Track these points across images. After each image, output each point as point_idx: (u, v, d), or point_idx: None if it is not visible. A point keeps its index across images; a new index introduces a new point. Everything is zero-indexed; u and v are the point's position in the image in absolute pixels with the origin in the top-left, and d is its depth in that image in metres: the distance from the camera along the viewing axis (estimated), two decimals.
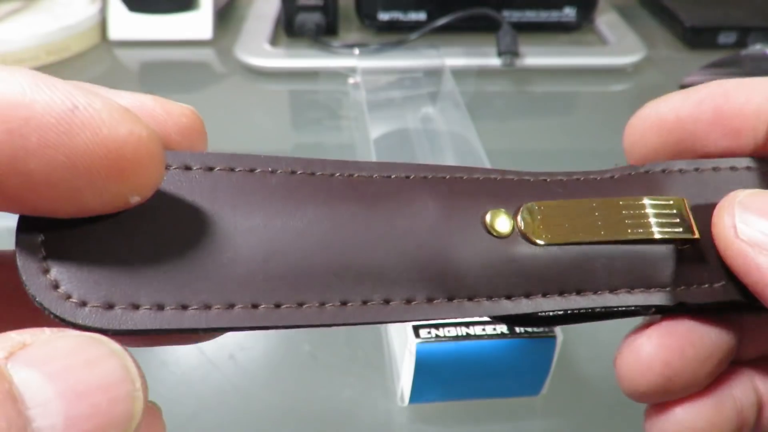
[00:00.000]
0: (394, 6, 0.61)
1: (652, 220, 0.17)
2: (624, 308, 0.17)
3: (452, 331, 0.27)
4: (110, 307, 0.13)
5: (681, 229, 0.17)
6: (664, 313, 0.18)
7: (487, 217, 0.16)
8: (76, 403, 0.10)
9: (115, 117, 0.12)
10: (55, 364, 0.11)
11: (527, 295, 0.16)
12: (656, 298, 0.17)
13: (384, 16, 0.62)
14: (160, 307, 0.13)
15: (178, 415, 0.30)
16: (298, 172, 0.16)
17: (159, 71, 0.61)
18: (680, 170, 0.19)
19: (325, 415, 0.30)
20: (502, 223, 0.16)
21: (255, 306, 0.14)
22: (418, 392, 0.29)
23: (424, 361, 0.27)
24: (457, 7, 0.60)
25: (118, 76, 0.59)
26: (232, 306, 0.14)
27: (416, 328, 0.27)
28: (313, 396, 0.31)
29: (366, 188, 0.16)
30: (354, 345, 0.33)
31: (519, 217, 0.17)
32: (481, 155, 0.41)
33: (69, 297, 0.13)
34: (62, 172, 0.11)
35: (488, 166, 0.39)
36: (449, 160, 0.41)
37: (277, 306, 0.14)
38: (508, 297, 0.16)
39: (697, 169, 0.19)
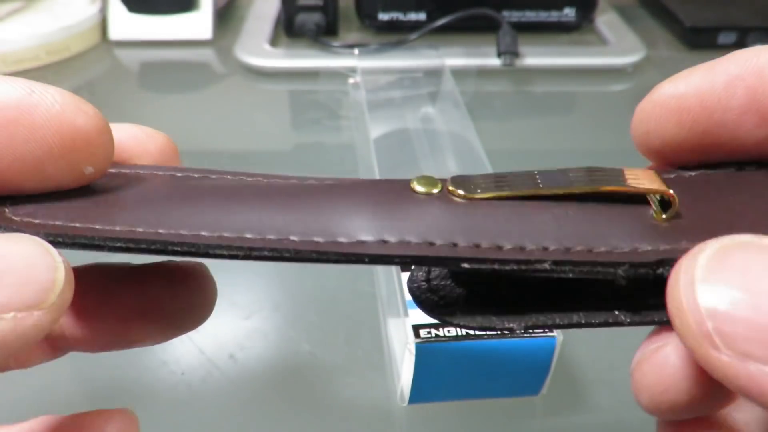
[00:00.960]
0: (394, 6, 0.61)
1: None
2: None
3: (452, 331, 0.27)
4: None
5: (653, 186, 0.15)
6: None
7: (415, 183, 0.16)
8: None
9: (66, 98, 0.14)
10: None
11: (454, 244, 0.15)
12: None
13: (384, 17, 0.62)
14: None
15: (177, 414, 0.30)
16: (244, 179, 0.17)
17: (159, 71, 0.61)
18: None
19: (326, 415, 0.30)
20: (430, 183, 0.16)
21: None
22: (418, 392, 0.29)
23: (424, 361, 0.27)
24: (457, 7, 0.60)
25: (118, 76, 0.59)
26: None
27: (416, 328, 0.27)
28: (313, 396, 0.31)
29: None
30: (354, 345, 0.33)
31: (449, 182, 0.16)
32: (481, 155, 0.41)
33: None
34: (24, 145, 0.14)
35: (488, 165, 0.39)
36: (449, 159, 0.41)
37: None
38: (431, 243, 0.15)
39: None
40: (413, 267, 0.16)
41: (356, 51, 0.57)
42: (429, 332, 0.27)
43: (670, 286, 0.12)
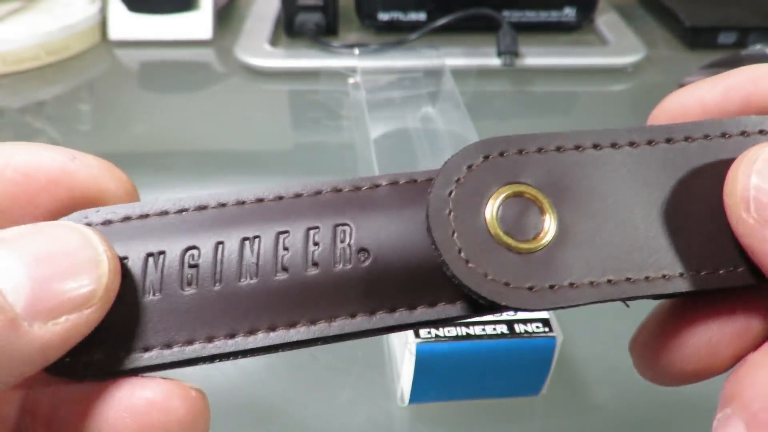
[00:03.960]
0: (394, 6, 0.61)
1: None
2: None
3: (452, 331, 0.27)
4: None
5: None
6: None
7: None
8: (38, 266, 0.13)
9: (102, 165, 0.16)
10: (20, 241, 0.13)
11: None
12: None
13: (384, 17, 0.62)
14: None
15: None
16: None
17: (159, 71, 0.61)
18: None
19: (325, 415, 0.30)
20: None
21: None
22: (418, 392, 0.29)
23: (424, 361, 0.27)
24: (457, 7, 0.60)
25: (118, 76, 0.59)
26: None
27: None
28: (313, 396, 0.31)
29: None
30: (354, 345, 0.33)
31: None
32: None
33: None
34: (64, 207, 0.15)
35: None
36: None
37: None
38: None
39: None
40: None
41: (356, 51, 0.57)
42: (429, 332, 0.27)
43: (734, 165, 0.15)
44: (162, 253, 0.15)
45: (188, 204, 0.16)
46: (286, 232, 0.16)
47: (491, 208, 0.16)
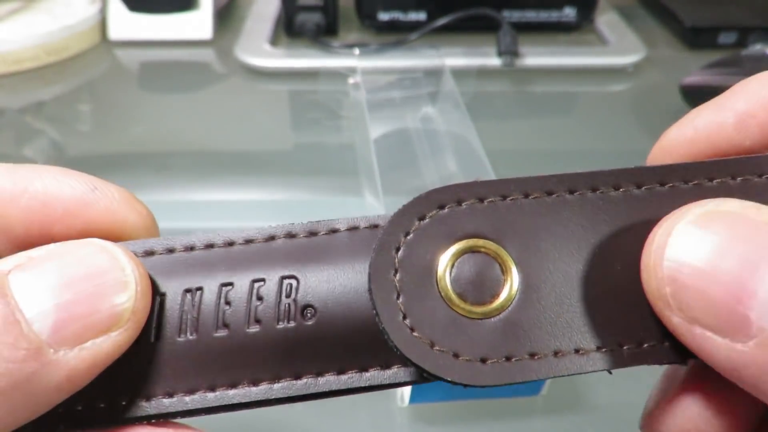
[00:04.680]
0: (394, 6, 0.61)
1: None
2: None
3: None
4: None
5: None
6: None
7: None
8: (63, 291, 0.12)
9: (124, 195, 0.15)
10: (45, 265, 0.13)
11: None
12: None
13: (384, 16, 0.62)
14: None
15: None
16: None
17: (159, 71, 0.61)
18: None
19: (326, 415, 0.30)
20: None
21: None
22: (418, 392, 0.29)
23: None
24: (457, 7, 0.60)
25: (118, 76, 0.59)
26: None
27: None
28: None
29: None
30: None
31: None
32: (480, 155, 0.41)
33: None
34: (80, 236, 0.14)
35: (488, 166, 0.39)
36: (449, 160, 0.41)
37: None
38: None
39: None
40: None
41: (356, 51, 0.57)
42: None
43: (647, 244, 0.13)
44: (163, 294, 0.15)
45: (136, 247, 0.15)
46: (230, 284, 0.14)
47: (443, 267, 0.14)
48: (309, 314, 0.14)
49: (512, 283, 0.14)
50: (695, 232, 0.12)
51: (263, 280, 0.15)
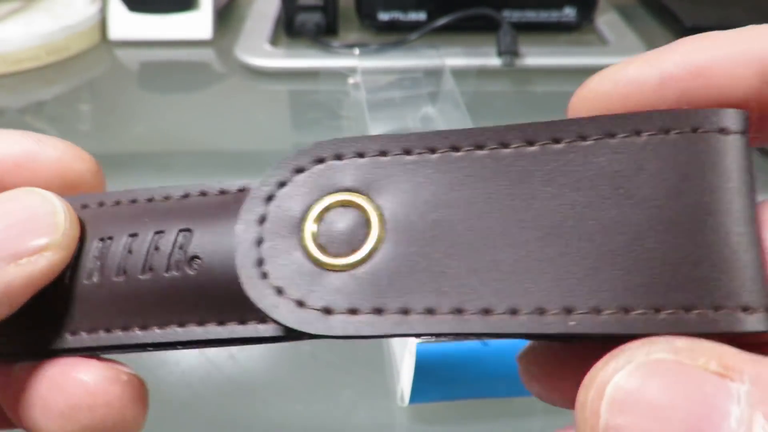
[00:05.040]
0: (394, 6, 0.61)
1: None
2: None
3: None
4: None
5: None
6: None
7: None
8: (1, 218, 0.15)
9: (67, 146, 0.17)
10: None
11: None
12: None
13: (384, 16, 0.62)
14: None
15: (178, 414, 0.30)
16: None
17: (159, 71, 0.61)
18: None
19: (326, 415, 0.30)
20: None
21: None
22: (418, 392, 0.29)
23: (424, 361, 0.27)
24: (457, 7, 0.60)
25: (118, 76, 0.59)
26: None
27: None
28: (313, 396, 0.31)
29: None
30: (354, 345, 0.33)
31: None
32: None
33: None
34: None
35: None
36: None
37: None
38: None
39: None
40: None
41: (356, 51, 0.57)
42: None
43: (582, 388, 0.12)
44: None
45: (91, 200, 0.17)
46: (136, 235, 0.15)
47: (310, 219, 0.14)
48: (196, 265, 0.15)
49: (375, 238, 0.14)
50: (631, 391, 0.11)
51: (163, 231, 0.15)
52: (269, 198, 0.14)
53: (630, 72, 0.14)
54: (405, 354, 0.28)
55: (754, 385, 0.10)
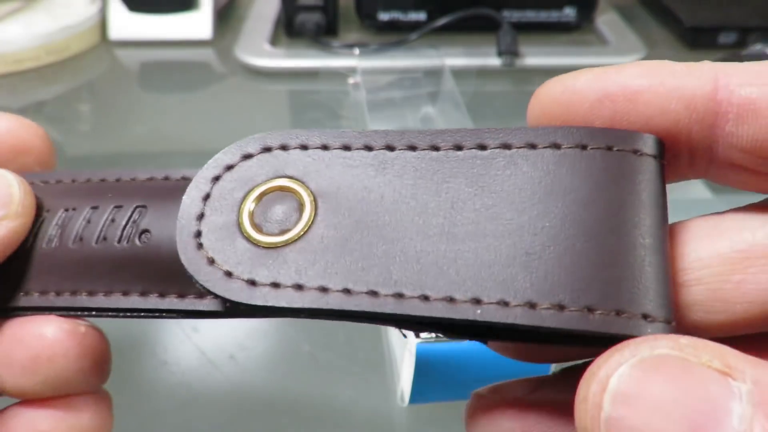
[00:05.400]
0: (394, 6, 0.61)
1: None
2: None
3: None
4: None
5: None
6: None
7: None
8: None
9: (12, 117, 0.19)
10: None
11: None
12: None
13: (384, 16, 0.62)
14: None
15: (177, 414, 0.30)
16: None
17: (159, 71, 0.61)
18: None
19: (325, 415, 0.30)
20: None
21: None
22: (418, 392, 0.29)
23: (424, 361, 0.27)
24: (457, 7, 0.60)
25: (118, 76, 0.59)
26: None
27: None
28: (313, 396, 0.31)
29: None
30: (354, 345, 0.33)
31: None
32: None
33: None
34: None
35: None
36: None
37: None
38: None
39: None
40: None
41: (356, 51, 0.57)
42: (429, 332, 0.27)
43: (584, 381, 0.12)
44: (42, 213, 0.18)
45: (61, 177, 0.18)
46: (97, 207, 0.17)
47: (249, 201, 0.15)
48: (145, 239, 0.16)
49: (305, 221, 0.15)
50: (635, 385, 0.11)
51: (122, 206, 0.17)
52: (216, 178, 0.16)
53: (578, 83, 0.15)
54: (405, 354, 0.28)
55: (756, 386, 0.11)
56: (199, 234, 0.15)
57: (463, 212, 0.14)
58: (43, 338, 0.16)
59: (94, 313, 0.16)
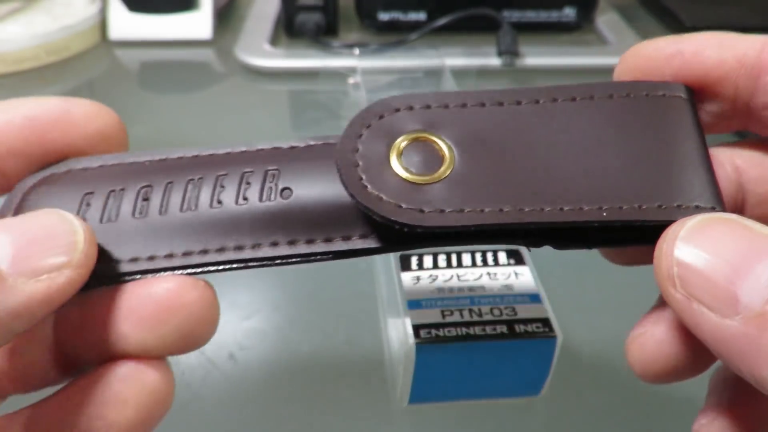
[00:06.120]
0: (394, 6, 0.61)
1: None
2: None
3: (452, 331, 0.27)
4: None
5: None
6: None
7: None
8: (20, 235, 0.15)
9: (94, 104, 0.20)
10: (6, 222, 0.16)
11: None
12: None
13: (384, 16, 0.62)
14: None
15: (177, 414, 0.30)
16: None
17: (159, 71, 0.61)
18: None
19: (325, 415, 0.30)
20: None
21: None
22: (418, 392, 0.29)
23: (424, 361, 0.27)
24: (457, 7, 0.60)
25: (118, 76, 0.59)
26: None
27: (416, 328, 0.27)
28: (313, 396, 0.31)
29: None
30: (354, 345, 0.33)
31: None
32: None
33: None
34: (68, 136, 0.19)
35: None
36: None
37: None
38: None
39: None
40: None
41: (356, 51, 0.57)
42: (429, 332, 0.27)
43: (660, 241, 0.16)
44: (123, 189, 0.18)
45: (152, 156, 0.19)
46: (225, 174, 0.18)
47: (395, 148, 0.18)
48: (287, 195, 0.18)
49: (448, 160, 0.18)
50: (703, 229, 0.15)
51: (252, 171, 0.18)
52: (359, 136, 0.18)
53: (660, 42, 0.19)
54: (405, 354, 0.28)
55: None
56: (361, 178, 0.17)
57: (567, 143, 0.18)
58: (170, 291, 0.17)
59: (252, 264, 0.18)
